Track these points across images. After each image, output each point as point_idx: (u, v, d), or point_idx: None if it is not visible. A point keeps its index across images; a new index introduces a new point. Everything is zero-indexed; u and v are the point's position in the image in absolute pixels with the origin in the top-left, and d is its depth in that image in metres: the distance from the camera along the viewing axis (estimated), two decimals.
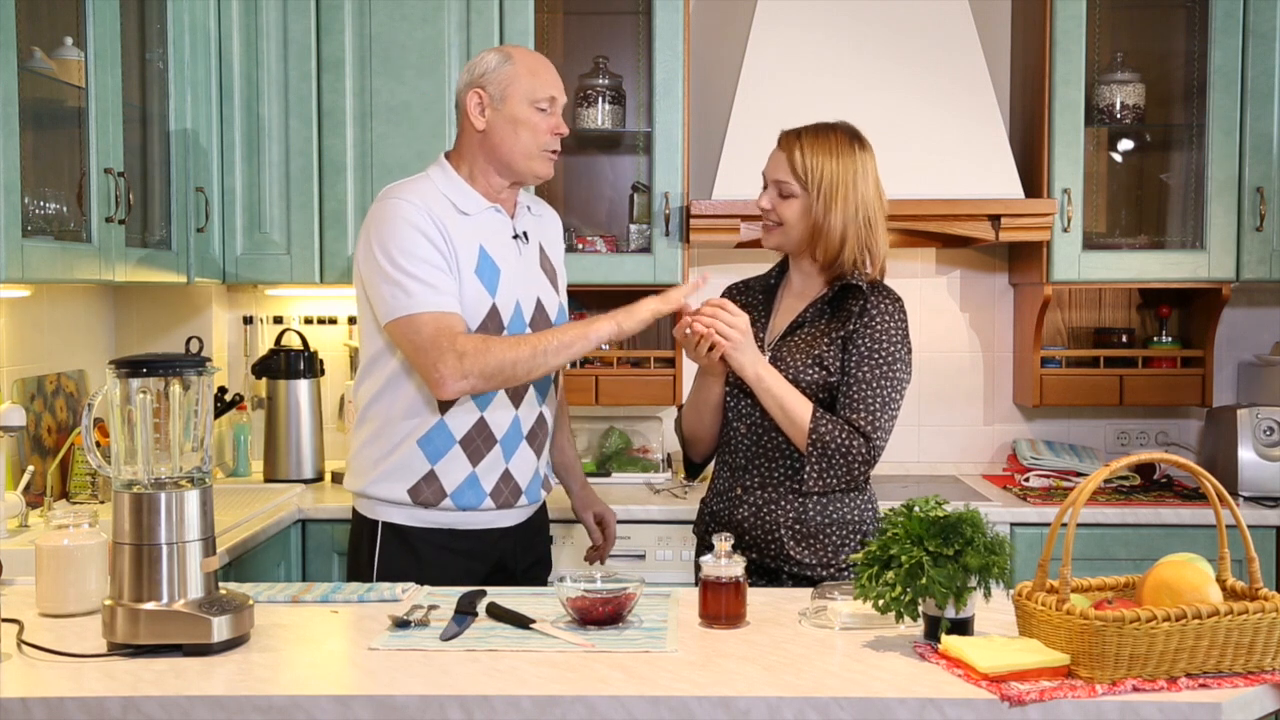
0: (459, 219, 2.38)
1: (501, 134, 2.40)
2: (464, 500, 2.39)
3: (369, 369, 2.43)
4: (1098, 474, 1.69)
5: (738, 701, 1.63)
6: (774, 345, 2.41)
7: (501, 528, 2.46)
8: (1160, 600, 1.71)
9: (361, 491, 2.45)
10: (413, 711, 1.64)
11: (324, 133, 3.42)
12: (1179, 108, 3.62)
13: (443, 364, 2.25)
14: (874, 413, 2.30)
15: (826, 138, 2.37)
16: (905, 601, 1.80)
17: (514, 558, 2.50)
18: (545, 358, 2.30)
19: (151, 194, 3.08)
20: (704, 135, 3.68)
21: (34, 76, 2.51)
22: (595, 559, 2.79)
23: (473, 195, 2.42)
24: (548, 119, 2.41)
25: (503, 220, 2.46)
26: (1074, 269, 3.45)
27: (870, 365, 2.31)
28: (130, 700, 1.64)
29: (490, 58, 2.43)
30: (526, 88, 2.39)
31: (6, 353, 2.91)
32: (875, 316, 2.34)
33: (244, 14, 3.39)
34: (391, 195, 2.38)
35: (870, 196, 2.36)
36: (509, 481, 2.43)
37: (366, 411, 2.44)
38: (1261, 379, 3.66)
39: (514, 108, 2.39)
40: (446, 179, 2.43)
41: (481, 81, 2.41)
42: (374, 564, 2.42)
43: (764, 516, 2.37)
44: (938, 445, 3.81)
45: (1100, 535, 3.20)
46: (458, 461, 2.38)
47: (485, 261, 2.38)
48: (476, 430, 2.39)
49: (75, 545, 2.04)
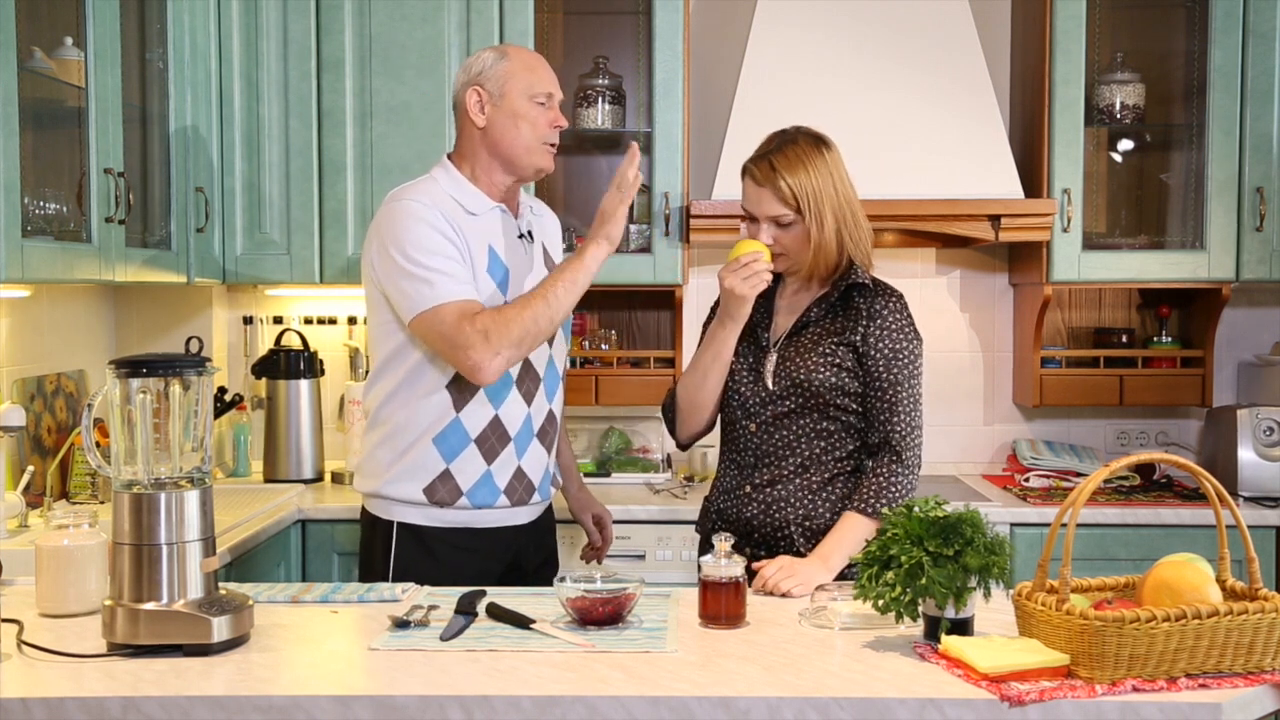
0: (467, 219, 2.39)
1: (502, 129, 2.41)
2: (479, 498, 2.41)
3: (383, 370, 2.44)
4: (1098, 474, 1.69)
5: (738, 701, 1.63)
6: (780, 345, 2.42)
7: (515, 525, 2.48)
8: (1160, 600, 1.71)
9: (376, 492, 2.45)
10: (413, 711, 1.64)
11: (324, 133, 3.42)
12: (1179, 108, 3.62)
13: (473, 350, 2.27)
14: (910, 416, 2.34)
15: (795, 153, 2.34)
16: (905, 601, 1.80)
17: (526, 556, 2.52)
18: (559, 301, 2.34)
19: (151, 194, 3.08)
20: (704, 135, 3.68)
21: (34, 76, 2.51)
22: (593, 558, 2.80)
23: (478, 195, 2.44)
24: (546, 112, 2.43)
25: (508, 220, 2.47)
26: (1074, 269, 3.45)
27: (898, 367, 2.34)
28: (130, 700, 1.64)
29: (486, 56, 2.45)
30: (524, 83, 2.41)
31: (6, 353, 2.91)
32: (887, 317, 2.36)
33: (244, 14, 3.39)
34: (400, 197, 2.39)
35: (848, 191, 2.37)
36: (522, 479, 2.45)
37: (379, 413, 2.44)
38: (1261, 379, 3.66)
39: (513, 102, 2.41)
40: (451, 180, 2.44)
41: (480, 79, 2.42)
42: (389, 565, 2.42)
43: (773, 514, 2.37)
44: (938, 445, 3.81)
45: (1100, 535, 3.20)
46: (473, 459, 2.40)
47: (494, 261, 2.40)
48: (491, 428, 2.40)
49: (75, 545, 2.04)
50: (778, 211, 2.35)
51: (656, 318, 3.83)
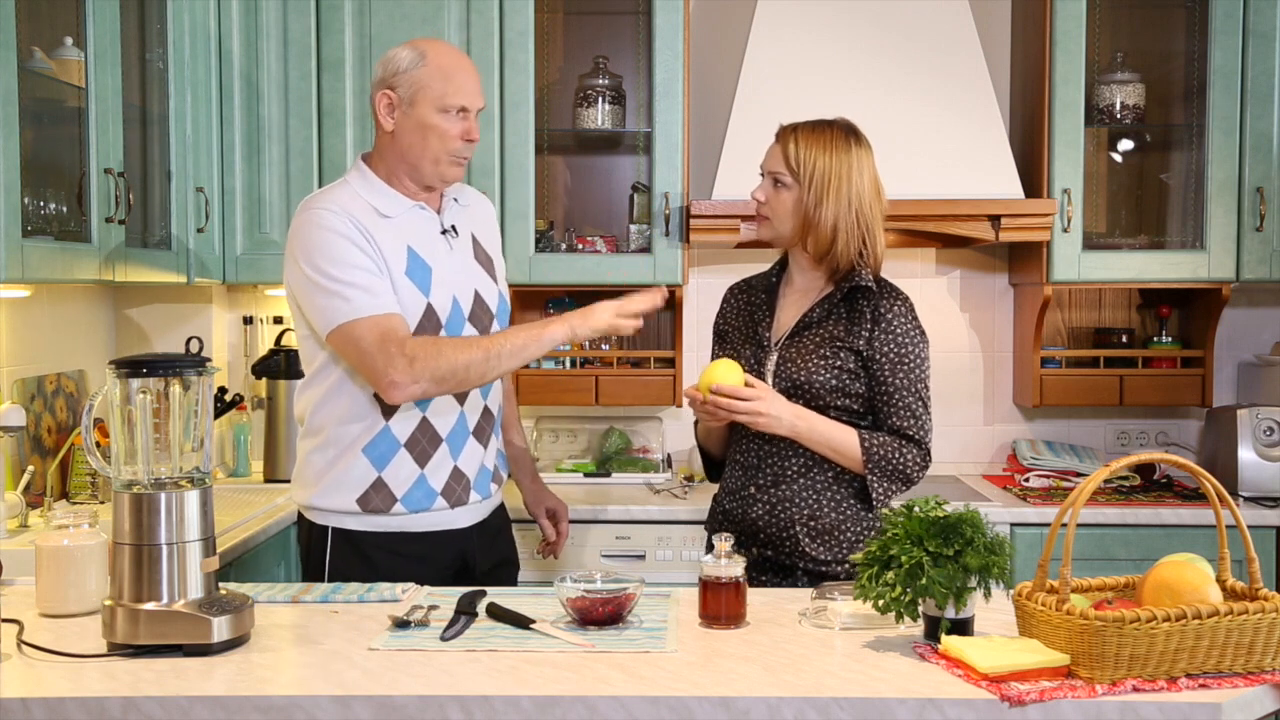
0: (381, 222, 2.31)
1: (410, 138, 2.32)
2: (415, 503, 2.35)
3: (311, 380, 2.38)
4: (1098, 474, 1.69)
5: (738, 701, 1.63)
6: (781, 345, 2.42)
7: (457, 529, 2.41)
8: (1160, 600, 1.71)
9: (309, 504, 2.39)
10: (413, 711, 1.64)
11: (324, 133, 3.42)
12: (1179, 108, 3.62)
13: (393, 369, 2.19)
14: (919, 417, 2.34)
15: (822, 132, 2.39)
16: (905, 602, 1.80)
17: (474, 560, 2.45)
18: (499, 361, 2.24)
19: (151, 194, 3.08)
20: (704, 135, 3.68)
21: (34, 76, 2.51)
22: (548, 553, 2.72)
23: (393, 196, 2.35)
24: (459, 124, 2.32)
25: (428, 217, 2.39)
26: (1074, 269, 3.45)
27: (904, 371, 2.34)
28: (130, 700, 1.64)
29: (404, 56, 2.32)
30: (437, 93, 2.30)
31: (6, 353, 2.91)
32: (892, 320, 2.36)
33: (244, 14, 3.39)
34: (310, 206, 2.31)
35: (865, 191, 2.37)
36: (460, 479, 2.39)
37: (311, 422, 2.39)
38: (1261, 379, 3.66)
39: (422, 113, 2.30)
40: (365, 182, 2.36)
41: (392, 81, 2.32)
42: (325, 570, 2.37)
43: (778, 514, 2.38)
44: (938, 445, 3.78)
45: (1100, 535, 3.20)
46: (404, 465, 2.34)
47: (415, 261, 2.32)
48: (420, 431, 2.34)
49: (75, 545, 2.04)
50: (778, 168, 2.39)
51: (656, 318, 3.82)
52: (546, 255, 3.49)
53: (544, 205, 3.67)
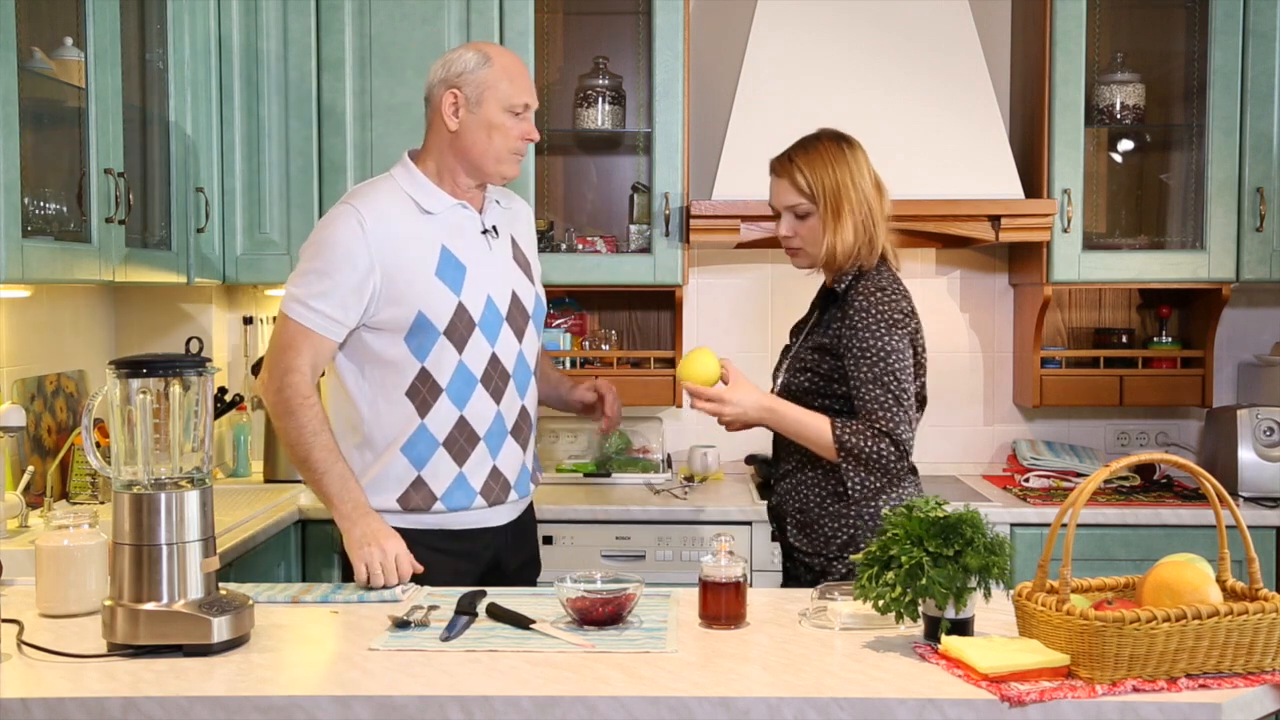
0: (420, 219, 2.36)
1: (474, 136, 2.37)
2: (454, 501, 2.39)
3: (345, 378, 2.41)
4: (1098, 474, 1.69)
5: (738, 701, 1.63)
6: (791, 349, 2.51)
7: (493, 526, 2.45)
8: (1160, 601, 1.71)
9: None
10: (413, 711, 1.64)
11: (324, 133, 3.42)
12: (1179, 108, 3.62)
13: (272, 380, 2.31)
14: (889, 409, 2.30)
15: (816, 148, 2.40)
16: (905, 602, 1.80)
17: (506, 557, 2.49)
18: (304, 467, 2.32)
19: (151, 194, 3.08)
20: (704, 135, 3.68)
21: (34, 76, 2.51)
22: (611, 429, 2.71)
23: (438, 194, 2.40)
24: (520, 124, 2.39)
25: (470, 216, 2.43)
26: (1074, 269, 3.45)
27: (867, 364, 2.31)
28: (130, 700, 1.64)
29: (469, 57, 2.38)
30: (504, 93, 2.37)
31: (6, 353, 2.91)
32: (853, 315, 2.34)
33: (244, 14, 3.39)
34: (349, 200, 2.38)
35: (869, 190, 2.39)
36: (498, 478, 2.42)
37: (349, 421, 2.41)
38: (1261, 379, 3.66)
39: (489, 112, 2.37)
40: (410, 178, 2.41)
41: (459, 81, 2.37)
42: None
43: (783, 506, 2.48)
44: (938, 445, 3.81)
45: (1100, 536, 3.20)
46: (443, 463, 2.37)
47: (448, 261, 2.35)
48: (458, 429, 2.37)
49: (75, 545, 2.04)
50: (793, 201, 2.39)
51: (656, 318, 3.83)
52: (547, 255, 3.49)
53: (544, 205, 3.68)
